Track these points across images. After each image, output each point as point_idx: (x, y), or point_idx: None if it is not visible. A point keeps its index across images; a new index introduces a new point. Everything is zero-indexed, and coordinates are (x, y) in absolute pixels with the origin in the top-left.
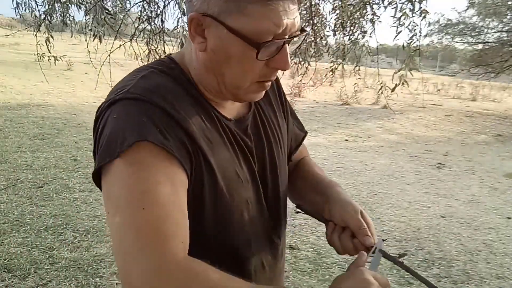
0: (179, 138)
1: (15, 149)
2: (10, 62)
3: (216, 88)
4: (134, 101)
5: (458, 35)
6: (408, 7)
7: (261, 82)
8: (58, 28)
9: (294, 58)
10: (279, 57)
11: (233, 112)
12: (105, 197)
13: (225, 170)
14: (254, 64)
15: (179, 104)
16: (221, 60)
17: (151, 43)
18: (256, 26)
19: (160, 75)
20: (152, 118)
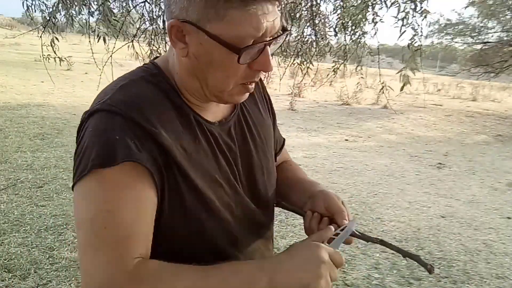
0: (151, 152)
1: (15, 149)
2: (10, 62)
3: (200, 92)
4: (110, 113)
5: (458, 36)
6: (410, 7)
7: (245, 84)
8: (59, 28)
9: (295, 58)
10: (261, 59)
11: (217, 115)
12: (74, 208)
13: (204, 176)
14: (237, 68)
15: (155, 115)
16: (204, 66)
17: (153, 43)
18: (236, 31)
19: (140, 84)
20: (125, 133)
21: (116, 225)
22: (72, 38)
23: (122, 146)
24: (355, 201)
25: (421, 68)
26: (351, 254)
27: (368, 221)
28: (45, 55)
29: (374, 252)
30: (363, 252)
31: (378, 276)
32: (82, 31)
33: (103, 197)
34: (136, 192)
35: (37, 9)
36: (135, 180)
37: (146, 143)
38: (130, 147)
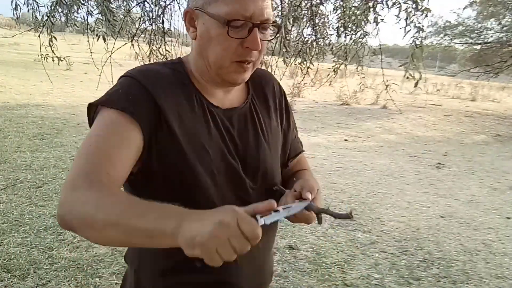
0: (147, 110)
1: (14, 149)
2: (10, 62)
3: (206, 73)
4: (126, 77)
5: (457, 36)
6: (411, 6)
7: (240, 62)
8: (57, 28)
9: (296, 58)
10: (250, 38)
11: (224, 103)
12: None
13: (192, 141)
14: (230, 43)
15: (161, 84)
16: (206, 43)
17: (153, 43)
18: (227, 8)
19: (158, 65)
20: (130, 90)
21: (97, 145)
22: (72, 38)
23: (123, 99)
24: (354, 201)
25: (421, 68)
26: (351, 254)
27: (368, 221)
28: (43, 54)
29: (374, 252)
30: (363, 252)
31: (378, 276)
32: (81, 31)
33: (99, 125)
34: (123, 131)
35: (29, 8)
36: (125, 124)
37: (145, 102)
38: (129, 101)
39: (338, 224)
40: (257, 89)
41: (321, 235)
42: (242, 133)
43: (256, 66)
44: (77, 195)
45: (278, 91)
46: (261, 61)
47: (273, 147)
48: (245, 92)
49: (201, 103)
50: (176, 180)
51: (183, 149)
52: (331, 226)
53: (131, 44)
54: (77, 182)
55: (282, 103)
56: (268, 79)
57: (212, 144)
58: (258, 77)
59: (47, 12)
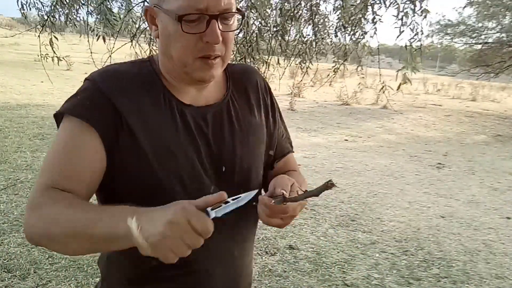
0: (105, 114)
1: (14, 149)
2: (10, 62)
3: (173, 71)
4: (86, 81)
5: (458, 36)
6: (409, 7)
7: (204, 58)
8: (58, 28)
9: (295, 58)
10: (208, 32)
11: (198, 100)
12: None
13: (157, 144)
14: (188, 39)
15: (121, 85)
16: (166, 41)
17: (152, 43)
18: (179, 2)
19: (124, 65)
20: (86, 95)
21: (55, 161)
22: (72, 38)
23: (80, 105)
24: (354, 201)
25: (421, 68)
26: (351, 254)
27: (368, 221)
28: (43, 54)
29: (374, 252)
30: (363, 252)
31: (378, 276)
32: (81, 31)
33: (58, 136)
34: (81, 141)
35: (32, 8)
36: (83, 132)
37: (103, 107)
38: (86, 107)
39: (338, 224)
40: (238, 85)
41: (322, 235)
42: (217, 131)
43: (226, 60)
44: (38, 214)
45: (263, 87)
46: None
47: (253, 146)
48: (223, 88)
49: (169, 102)
50: (140, 186)
51: (146, 153)
52: (331, 226)
53: (130, 44)
54: (35, 202)
55: (266, 100)
56: (251, 75)
57: (180, 146)
58: (239, 73)
59: (47, 12)
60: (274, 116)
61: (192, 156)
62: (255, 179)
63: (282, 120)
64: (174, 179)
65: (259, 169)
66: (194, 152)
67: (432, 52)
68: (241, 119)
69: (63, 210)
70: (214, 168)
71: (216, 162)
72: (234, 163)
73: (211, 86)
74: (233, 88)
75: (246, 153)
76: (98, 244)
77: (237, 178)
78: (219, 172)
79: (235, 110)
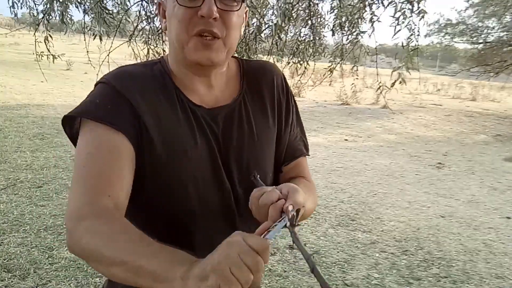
0: (126, 115)
1: (14, 149)
2: (10, 62)
3: (177, 58)
4: (102, 84)
5: (458, 36)
6: (407, 7)
7: (200, 37)
8: (57, 28)
9: (293, 57)
10: (203, 5)
11: (208, 100)
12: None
13: (172, 145)
14: (183, 13)
15: (137, 86)
16: (169, 24)
17: (150, 42)
18: None
19: (136, 66)
20: (106, 98)
21: (91, 166)
22: (72, 38)
23: (102, 109)
24: (354, 201)
25: (421, 68)
26: (351, 254)
27: (368, 221)
28: (38, 53)
29: (374, 252)
30: (363, 252)
31: (378, 276)
32: (80, 30)
33: (87, 142)
34: (112, 146)
35: (23, 7)
36: (112, 137)
37: (124, 110)
38: (109, 111)
39: (338, 224)
40: (252, 83)
41: (321, 235)
42: (226, 133)
43: (227, 44)
44: (85, 226)
45: (280, 86)
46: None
47: (262, 149)
48: (236, 87)
49: (183, 103)
50: (154, 185)
51: (159, 153)
52: (331, 226)
53: (128, 43)
54: (83, 212)
55: (281, 99)
56: (267, 72)
57: (195, 148)
58: (254, 70)
59: (41, 10)
60: (288, 116)
61: (206, 157)
62: (263, 182)
63: (299, 121)
64: (190, 182)
65: (268, 172)
66: (208, 153)
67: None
68: (252, 121)
69: (117, 233)
70: (226, 170)
71: (227, 165)
72: (241, 166)
73: (222, 85)
74: (247, 87)
75: (254, 156)
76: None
77: (244, 180)
78: (230, 173)
79: (246, 112)
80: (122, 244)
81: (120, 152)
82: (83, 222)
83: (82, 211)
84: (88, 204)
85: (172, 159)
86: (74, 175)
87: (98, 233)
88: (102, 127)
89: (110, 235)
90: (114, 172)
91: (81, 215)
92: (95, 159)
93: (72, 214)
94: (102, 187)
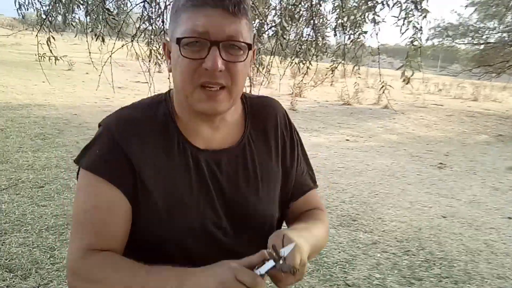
0: (123, 169)
1: (16, 149)
2: (11, 62)
3: (182, 106)
4: (102, 128)
5: (459, 37)
6: (410, 7)
7: (204, 88)
8: (59, 28)
9: (295, 57)
10: (207, 58)
11: (212, 143)
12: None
13: (170, 195)
14: (187, 64)
15: (136, 136)
16: (173, 70)
17: (152, 43)
18: (182, 28)
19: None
20: (104, 151)
21: (87, 222)
22: (73, 38)
23: (100, 162)
24: (356, 201)
25: (422, 68)
26: (352, 254)
27: (369, 221)
28: (41, 54)
29: (375, 252)
30: (364, 252)
31: (379, 276)
32: (82, 31)
33: (85, 192)
34: (108, 198)
35: (29, 8)
36: (108, 192)
37: (121, 164)
38: (106, 165)
39: (340, 224)
40: (256, 123)
41: None
42: (231, 177)
43: (233, 93)
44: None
45: (283, 123)
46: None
47: (268, 191)
48: (241, 128)
49: (183, 149)
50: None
51: (157, 206)
52: (333, 226)
53: (130, 44)
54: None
55: (285, 137)
56: (271, 110)
57: (192, 197)
58: (258, 108)
59: (44, 11)
60: (293, 153)
61: (205, 207)
62: (269, 224)
63: (305, 155)
64: (186, 231)
65: (273, 214)
66: (207, 202)
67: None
68: (257, 163)
69: (110, 274)
70: (229, 215)
71: (230, 209)
72: (248, 210)
73: (227, 126)
74: (251, 127)
75: (260, 199)
76: None
77: (251, 224)
78: (234, 219)
79: (251, 154)
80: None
81: (116, 208)
82: (77, 278)
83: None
84: (83, 261)
85: (169, 210)
86: (72, 228)
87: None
88: (100, 180)
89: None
90: (110, 230)
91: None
92: (90, 215)
93: (70, 270)
94: (96, 242)
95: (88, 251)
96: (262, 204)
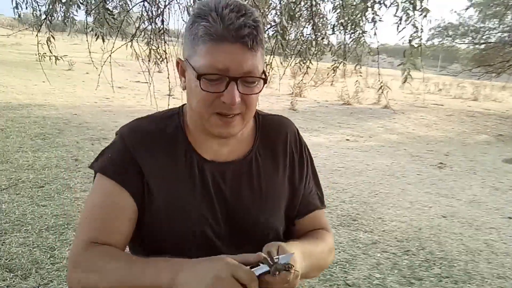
0: (133, 174)
1: (16, 149)
2: (12, 62)
3: (195, 123)
4: (118, 136)
5: (459, 37)
6: (409, 7)
7: (220, 115)
8: (59, 28)
9: (295, 57)
10: (226, 93)
11: (219, 156)
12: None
13: (173, 201)
14: (205, 96)
15: (150, 147)
16: (189, 94)
17: (152, 43)
18: (201, 62)
19: (152, 119)
20: (118, 157)
21: (93, 218)
22: (74, 38)
23: (112, 166)
24: (356, 201)
25: (422, 68)
26: (352, 254)
27: (369, 221)
28: (41, 54)
29: (375, 252)
30: (364, 252)
31: (379, 276)
32: (82, 30)
33: (96, 194)
34: (117, 200)
35: (28, 7)
36: (118, 194)
37: (132, 170)
38: (118, 170)
39: (340, 224)
40: (266, 140)
41: None
42: (234, 188)
43: (246, 119)
44: (83, 270)
45: (293, 142)
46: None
47: (272, 205)
48: (249, 143)
49: (190, 159)
50: (155, 240)
51: (159, 211)
52: (333, 226)
53: (130, 44)
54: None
55: (295, 155)
56: (282, 128)
57: (194, 205)
58: (269, 126)
59: (45, 10)
60: (302, 170)
61: (206, 215)
62: (272, 237)
63: (315, 175)
64: (186, 237)
65: (277, 227)
66: (208, 211)
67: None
68: (262, 178)
69: (108, 264)
70: (230, 225)
71: (231, 220)
72: (249, 221)
73: (236, 140)
74: (260, 143)
75: (263, 212)
76: None
77: (252, 236)
78: (234, 229)
79: (257, 168)
80: (113, 273)
81: (121, 206)
82: (77, 269)
83: (77, 258)
84: (84, 252)
85: (170, 216)
86: (79, 221)
87: (91, 272)
88: (109, 182)
89: (102, 269)
90: (113, 226)
91: (77, 262)
92: (98, 211)
93: (71, 261)
94: (99, 236)
95: (91, 244)
96: (265, 217)
